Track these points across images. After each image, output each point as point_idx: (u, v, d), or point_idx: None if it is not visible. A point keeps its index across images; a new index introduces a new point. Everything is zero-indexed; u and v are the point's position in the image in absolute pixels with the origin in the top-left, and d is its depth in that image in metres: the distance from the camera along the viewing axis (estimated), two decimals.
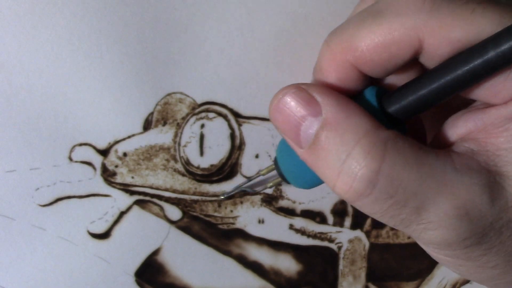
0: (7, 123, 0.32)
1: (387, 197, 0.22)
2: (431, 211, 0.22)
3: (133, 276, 0.34)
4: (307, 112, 0.23)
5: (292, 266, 0.36)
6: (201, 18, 0.33)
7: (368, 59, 0.23)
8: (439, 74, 0.22)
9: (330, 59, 0.24)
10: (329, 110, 0.22)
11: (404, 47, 0.22)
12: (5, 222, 0.33)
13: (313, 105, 0.23)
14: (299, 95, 0.23)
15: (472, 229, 0.22)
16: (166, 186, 0.34)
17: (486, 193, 0.22)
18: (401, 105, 0.23)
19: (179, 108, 0.33)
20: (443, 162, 0.22)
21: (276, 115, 0.24)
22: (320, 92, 0.23)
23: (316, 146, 0.23)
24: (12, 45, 0.31)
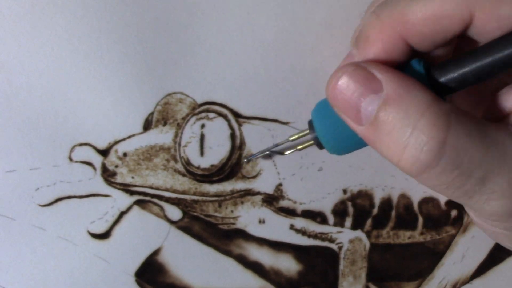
0: (7, 123, 0.32)
1: (453, 167, 0.22)
2: (495, 181, 0.22)
3: (133, 276, 0.34)
4: (367, 89, 0.23)
5: (292, 266, 0.36)
6: (201, 18, 0.33)
7: (419, 31, 0.23)
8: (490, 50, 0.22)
9: (379, 30, 0.23)
10: (390, 86, 0.22)
11: (455, 21, 0.22)
12: (5, 222, 0.33)
13: (373, 82, 0.23)
14: (357, 72, 0.23)
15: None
16: (166, 186, 0.34)
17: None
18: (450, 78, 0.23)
19: (180, 108, 0.33)
20: (503, 133, 0.22)
21: (335, 93, 0.24)
22: (380, 69, 0.23)
23: (379, 122, 0.23)
24: (12, 45, 0.31)
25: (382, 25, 0.23)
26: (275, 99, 0.34)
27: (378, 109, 0.23)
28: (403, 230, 0.36)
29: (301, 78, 0.34)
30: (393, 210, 0.36)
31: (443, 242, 0.37)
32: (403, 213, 0.36)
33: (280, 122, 0.34)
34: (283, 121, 0.34)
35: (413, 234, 0.36)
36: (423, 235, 0.36)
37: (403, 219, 0.36)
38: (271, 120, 0.34)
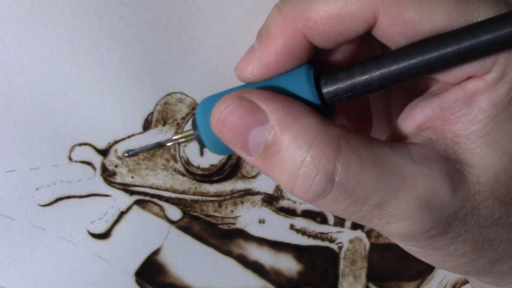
0: (7, 123, 0.32)
1: (346, 196, 0.21)
2: (392, 205, 0.21)
3: (133, 276, 0.34)
4: (253, 121, 0.22)
5: (292, 266, 0.36)
6: (201, 18, 0.33)
7: (321, 30, 0.22)
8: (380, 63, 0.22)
9: (280, 25, 0.23)
10: (275, 117, 0.22)
11: (358, 22, 0.22)
12: (5, 222, 0.33)
13: (257, 113, 0.22)
14: (241, 104, 0.22)
15: (435, 220, 0.22)
16: (166, 186, 0.34)
17: (447, 182, 0.22)
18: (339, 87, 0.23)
19: (179, 108, 0.33)
20: (400, 155, 0.22)
21: (220, 128, 0.23)
22: (263, 98, 0.22)
23: (268, 154, 0.22)
24: (12, 45, 0.31)
25: (284, 21, 0.23)
26: None
27: (265, 141, 0.22)
28: None
29: None
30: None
31: None
32: None
33: None
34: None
35: None
36: None
37: None
38: None
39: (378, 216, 0.22)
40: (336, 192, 0.21)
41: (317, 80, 0.23)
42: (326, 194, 0.21)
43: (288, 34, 0.23)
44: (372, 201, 0.21)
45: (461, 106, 0.22)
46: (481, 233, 0.23)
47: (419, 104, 0.23)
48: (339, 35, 0.22)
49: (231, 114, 0.22)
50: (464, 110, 0.22)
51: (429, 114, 0.23)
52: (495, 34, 0.20)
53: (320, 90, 0.23)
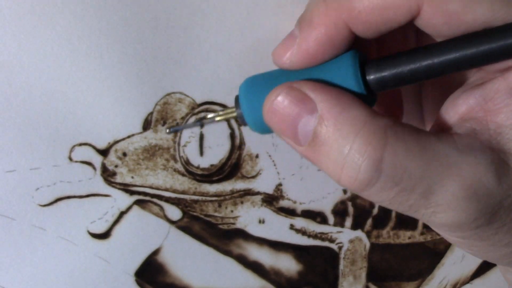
0: (7, 123, 0.32)
1: (393, 185, 0.22)
2: (439, 194, 0.22)
3: (133, 276, 0.34)
4: (302, 110, 0.23)
5: (292, 266, 0.36)
6: (201, 18, 0.33)
7: (364, 20, 0.22)
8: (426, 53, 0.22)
9: (323, 14, 0.23)
10: (324, 106, 0.22)
11: (401, 12, 0.22)
12: (5, 222, 0.33)
13: (307, 102, 0.22)
14: (291, 94, 0.23)
15: (481, 209, 0.22)
16: (166, 186, 0.34)
17: (492, 172, 0.22)
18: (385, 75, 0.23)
19: (179, 108, 0.33)
20: (445, 145, 0.22)
21: (271, 116, 0.24)
22: (313, 88, 0.23)
23: (316, 143, 0.23)
24: (12, 45, 0.31)
25: (327, 10, 0.23)
26: None
27: (314, 130, 0.22)
28: (403, 230, 0.36)
29: None
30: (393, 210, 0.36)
31: (443, 242, 0.37)
32: None
33: None
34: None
35: (413, 234, 0.36)
36: (423, 235, 0.36)
37: (403, 219, 0.36)
38: None
39: (425, 205, 0.22)
40: (383, 181, 0.22)
41: (362, 67, 0.23)
42: (374, 183, 0.22)
43: (330, 23, 0.23)
44: (419, 189, 0.22)
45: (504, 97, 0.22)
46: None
47: (462, 95, 0.24)
48: (382, 25, 0.23)
49: (281, 103, 0.23)
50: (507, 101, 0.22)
51: (472, 105, 0.23)
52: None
53: (365, 77, 0.23)
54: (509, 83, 0.22)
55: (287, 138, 0.24)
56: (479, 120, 0.23)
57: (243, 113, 0.25)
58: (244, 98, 0.25)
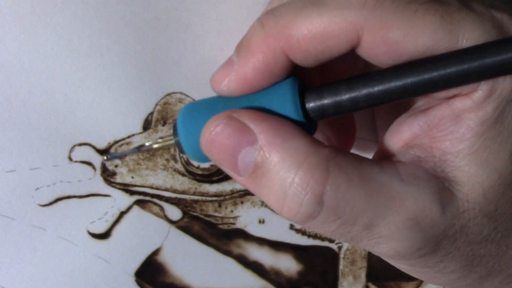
0: (7, 123, 0.32)
1: (335, 218, 0.21)
2: (381, 226, 0.21)
3: (133, 276, 0.34)
4: (242, 141, 0.22)
5: (292, 266, 0.36)
6: (201, 18, 0.33)
7: (303, 49, 0.22)
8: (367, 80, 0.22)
9: (261, 41, 0.22)
10: (264, 137, 0.22)
11: (342, 41, 0.21)
12: (5, 222, 0.33)
13: (247, 133, 0.22)
14: (231, 125, 0.22)
15: (425, 239, 0.22)
16: (166, 186, 0.34)
17: (436, 201, 0.21)
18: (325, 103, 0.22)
19: (179, 108, 0.33)
20: (389, 175, 0.22)
21: (209, 147, 0.23)
22: (252, 118, 0.22)
23: (257, 174, 0.22)
24: (12, 45, 0.31)
25: (266, 37, 0.22)
26: None
27: (254, 161, 0.22)
28: None
29: None
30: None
31: None
32: None
33: None
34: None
35: None
36: None
37: None
38: None
39: (367, 237, 0.22)
40: (325, 214, 0.21)
41: (302, 95, 0.23)
42: (315, 216, 0.21)
43: (268, 51, 0.22)
44: (361, 222, 0.21)
45: (448, 124, 0.22)
46: (470, 250, 0.23)
47: (406, 121, 0.23)
48: (321, 54, 0.22)
49: (220, 134, 0.22)
50: (452, 128, 0.22)
51: (416, 132, 0.23)
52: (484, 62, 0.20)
53: (304, 105, 0.23)
54: (454, 110, 0.22)
55: (226, 169, 0.23)
56: (424, 147, 0.23)
57: (180, 141, 0.24)
58: (182, 125, 0.24)
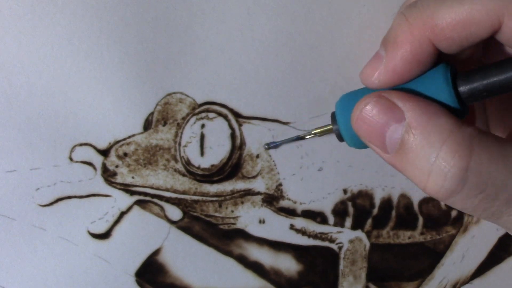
0: (7, 123, 0.32)
1: (477, 192, 0.22)
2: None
3: (133, 276, 0.34)
4: (390, 118, 0.23)
5: (292, 266, 0.36)
6: (201, 18, 0.33)
7: (447, 36, 0.23)
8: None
9: (407, 32, 0.24)
10: (411, 115, 0.23)
11: (483, 27, 0.22)
12: (5, 222, 0.33)
13: (395, 111, 0.23)
14: (380, 102, 0.24)
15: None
16: (166, 186, 0.34)
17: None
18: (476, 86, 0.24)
19: (180, 108, 0.33)
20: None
21: (360, 124, 0.24)
22: (401, 97, 0.23)
23: (403, 151, 0.23)
24: (12, 45, 0.31)
25: (411, 28, 0.24)
26: (275, 99, 0.34)
27: (401, 138, 0.23)
28: (403, 230, 0.36)
29: (301, 78, 0.34)
30: (393, 210, 0.36)
31: (443, 242, 0.37)
32: (403, 213, 0.36)
33: (280, 122, 0.34)
34: (283, 121, 0.34)
35: (413, 234, 0.36)
36: (423, 235, 0.37)
37: (403, 219, 0.36)
38: (271, 120, 0.34)
39: (507, 212, 0.23)
40: (468, 189, 0.22)
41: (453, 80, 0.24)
42: (459, 190, 0.22)
43: (415, 41, 0.24)
44: (502, 197, 0.22)
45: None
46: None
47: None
48: (465, 40, 0.23)
49: (370, 111, 0.24)
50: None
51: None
52: None
53: (457, 89, 0.24)
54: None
55: (374, 146, 0.24)
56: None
57: (339, 128, 0.26)
58: (340, 114, 0.26)
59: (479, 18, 0.22)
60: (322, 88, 0.34)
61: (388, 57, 0.24)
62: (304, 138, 0.33)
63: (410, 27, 0.24)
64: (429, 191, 0.23)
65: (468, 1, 0.22)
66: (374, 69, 0.25)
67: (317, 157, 0.35)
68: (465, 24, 0.23)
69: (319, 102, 0.34)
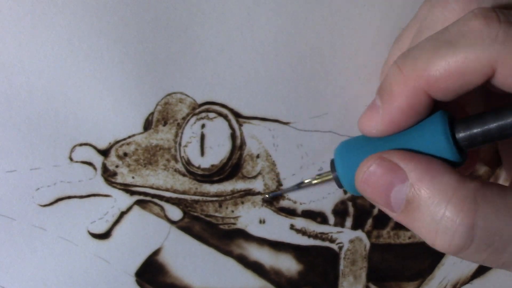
0: (7, 123, 0.32)
1: (486, 247, 0.23)
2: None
3: (133, 276, 0.34)
4: (394, 180, 0.24)
5: (292, 266, 0.36)
6: (201, 18, 0.33)
7: (442, 86, 0.23)
8: None
9: (402, 84, 0.24)
10: (414, 175, 0.23)
11: (478, 76, 0.23)
12: (5, 222, 0.33)
13: (398, 172, 0.24)
14: (382, 165, 0.24)
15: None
16: (166, 186, 0.34)
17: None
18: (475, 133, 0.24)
19: (180, 108, 0.33)
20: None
21: (364, 187, 0.25)
22: (402, 158, 0.24)
23: (409, 210, 0.24)
24: (12, 45, 0.31)
25: (405, 79, 0.24)
26: (275, 99, 0.34)
27: (406, 198, 0.24)
28: (403, 230, 0.36)
29: (301, 78, 0.34)
30: None
31: None
32: None
33: (280, 122, 0.34)
34: (284, 121, 0.34)
35: (413, 234, 0.36)
36: None
37: None
38: (271, 120, 0.34)
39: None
40: (477, 244, 0.23)
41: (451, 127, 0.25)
42: (467, 246, 0.23)
43: (410, 92, 0.24)
44: (510, 249, 0.23)
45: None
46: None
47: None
48: (459, 89, 0.23)
49: (373, 174, 0.25)
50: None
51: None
52: None
53: (455, 137, 0.24)
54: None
55: (380, 205, 0.25)
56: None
57: (338, 176, 0.27)
58: (339, 163, 0.27)
59: (473, 67, 0.22)
60: (322, 88, 0.34)
61: (384, 108, 0.25)
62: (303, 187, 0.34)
63: (405, 78, 0.24)
64: (438, 248, 0.23)
65: (461, 52, 0.23)
66: (371, 120, 0.26)
67: (317, 157, 0.35)
68: (459, 74, 0.23)
69: (319, 102, 0.34)
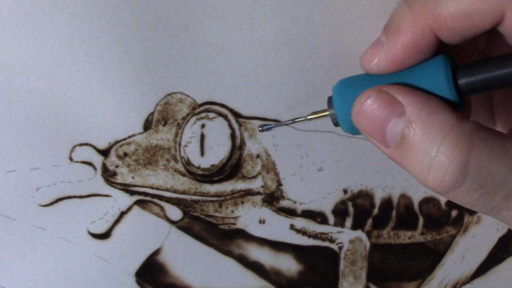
0: (7, 123, 0.32)
1: (477, 187, 0.22)
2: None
3: (133, 276, 0.34)
4: (391, 113, 0.23)
5: (292, 266, 0.36)
6: (201, 18, 0.33)
7: (450, 26, 0.23)
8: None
9: (409, 21, 0.24)
10: (412, 109, 0.23)
11: (486, 18, 0.23)
12: (5, 222, 0.33)
13: (396, 105, 0.23)
14: (380, 97, 0.24)
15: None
16: (166, 186, 0.34)
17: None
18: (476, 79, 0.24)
19: (180, 108, 0.33)
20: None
21: (360, 118, 0.24)
22: (401, 92, 0.24)
23: (404, 145, 0.23)
24: (12, 45, 0.31)
25: (414, 16, 0.24)
26: (275, 99, 0.34)
27: (402, 133, 0.23)
28: (403, 230, 0.36)
29: (301, 78, 0.34)
30: (393, 210, 0.36)
31: (444, 242, 0.37)
32: (404, 213, 0.36)
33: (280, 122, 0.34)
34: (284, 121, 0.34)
35: (413, 234, 0.36)
36: (423, 235, 0.37)
37: (403, 219, 0.36)
38: (271, 120, 0.34)
39: (507, 207, 0.23)
40: (468, 183, 0.22)
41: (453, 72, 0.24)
42: (459, 185, 0.22)
43: (417, 30, 0.24)
44: (501, 192, 0.22)
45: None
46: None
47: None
48: (467, 31, 0.23)
49: (370, 106, 0.24)
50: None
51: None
52: None
53: (456, 82, 0.24)
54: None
55: (375, 140, 0.25)
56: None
57: (336, 114, 0.26)
58: (337, 100, 0.26)
59: (482, 9, 0.22)
60: (323, 88, 0.34)
61: (389, 44, 0.25)
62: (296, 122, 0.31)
63: (413, 15, 0.24)
64: (429, 185, 0.23)
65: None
66: (374, 55, 0.25)
67: (317, 157, 0.35)
68: (468, 15, 0.23)
69: (319, 102, 0.34)
